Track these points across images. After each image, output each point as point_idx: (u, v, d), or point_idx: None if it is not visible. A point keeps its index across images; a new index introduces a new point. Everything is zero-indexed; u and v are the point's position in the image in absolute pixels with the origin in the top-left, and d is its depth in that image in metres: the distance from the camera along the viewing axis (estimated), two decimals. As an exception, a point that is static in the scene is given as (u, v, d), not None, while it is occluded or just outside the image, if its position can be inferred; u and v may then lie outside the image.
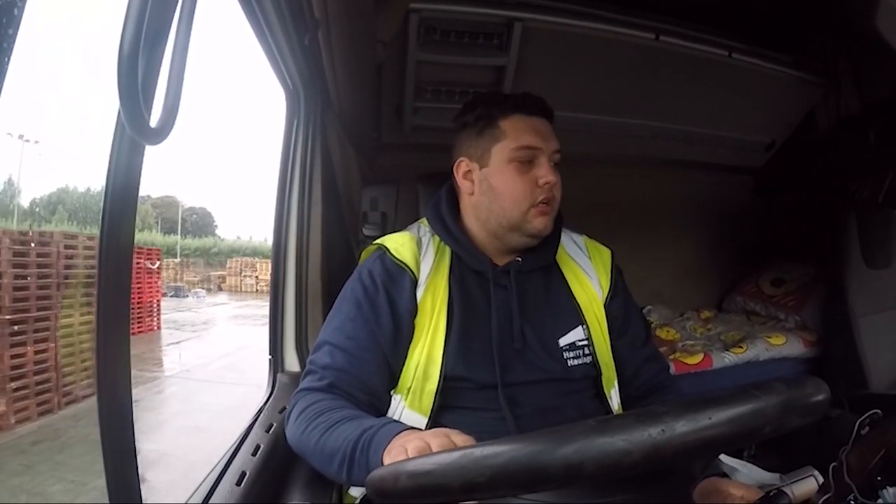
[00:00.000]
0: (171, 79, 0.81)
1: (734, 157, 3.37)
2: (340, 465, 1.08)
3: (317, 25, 1.62)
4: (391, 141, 2.90)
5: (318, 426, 1.16)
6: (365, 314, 1.36)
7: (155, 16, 0.74)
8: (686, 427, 0.65)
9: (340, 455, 1.08)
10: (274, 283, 2.05)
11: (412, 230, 1.54)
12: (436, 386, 1.31)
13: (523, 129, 1.40)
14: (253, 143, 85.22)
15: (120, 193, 0.92)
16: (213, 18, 2.04)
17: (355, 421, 1.13)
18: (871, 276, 2.67)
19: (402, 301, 1.38)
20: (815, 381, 0.75)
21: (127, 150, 0.91)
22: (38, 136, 27.86)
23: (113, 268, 0.94)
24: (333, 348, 1.33)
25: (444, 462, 0.65)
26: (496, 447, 0.64)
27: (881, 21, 1.56)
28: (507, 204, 1.41)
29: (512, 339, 1.39)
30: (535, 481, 0.63)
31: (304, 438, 1.19)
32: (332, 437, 1.12)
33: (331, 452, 1.11)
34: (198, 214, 41.52)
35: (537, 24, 2.38)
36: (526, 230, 1.41)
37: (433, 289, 1.41)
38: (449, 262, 1.46)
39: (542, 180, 1.38)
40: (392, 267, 1.41)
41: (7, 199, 21.89)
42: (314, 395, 1.27)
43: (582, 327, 1.45)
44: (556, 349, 1.41)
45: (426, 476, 0.65)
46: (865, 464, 1.11)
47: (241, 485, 1.24)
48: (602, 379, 1.44)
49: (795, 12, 2.84)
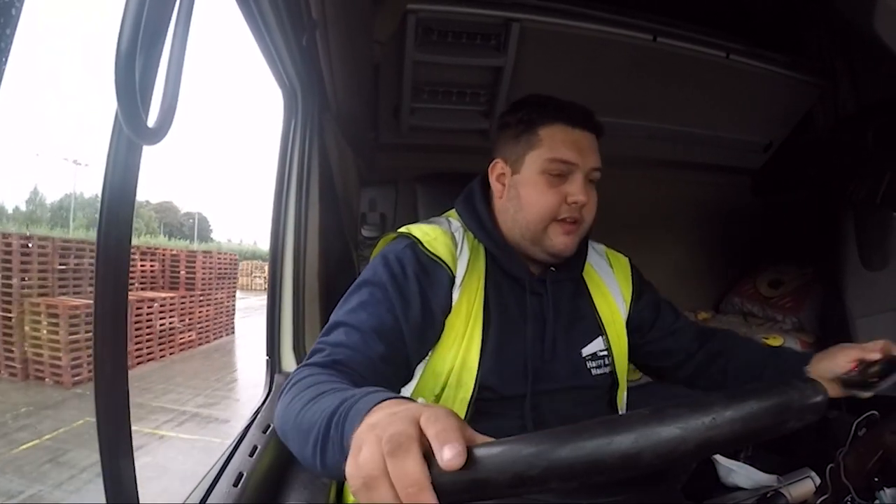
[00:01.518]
0: (169, 79, 0.81)
1: (731, 158, 3.36)
2: (314, 447, 0.82)
3: (314, 26, 1.62)
4: (388, 141, 2.88)
5: (303, 398, 0.93)
6: (391, 298, 1.22)
7: (152, 15, 0.74)
8: (733, 415, 0.65)
9: (315, 432, 0.82)
10: (271, 283, 2.05)
11: (441, 224, 1.42)
12: (469, 395, 1.26)
13: (562, 141, 1.32)
14: (246, 146, 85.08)
15: (118, 193, 0.91)
16: (210, 18, 2.04)
17: (341, 392, 0.87)
18: (868, 277, 2.67)
19: (436, 297, 1.28)
20: (813, 382, 0.76)
21: (124, 150, 0.91)
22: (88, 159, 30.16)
23: (111, 266, 0.94)
24: (349, 328, 1.16)
25: (486, 456, 0.60)
26: (549, 439, 0.62)
27: (879, 22, 1.57)
28: (531, 216, 1.34)
29: (543, 349, 1.35)
30: (591, 472, 0.63)
31: (286, 414, 0.96)
32: (312, 409, 0.88)
33: (307, 429, 0.85)
34: (194, 219, 41.70)
35: (535, 25, 2.38)
36: (546, 246, 1.35)
37: (469, 291, 1.33)
38: (484, 264, 1.38)
39: (572, 198, 1.31)
40: (426, 260, 1.30)
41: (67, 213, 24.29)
42: (312, 370, 1.06)
43: (602, 338, 1.44)
44: (579, 359, 1.40)
45: (465, 473, 0.62)
46: (863, 465, 1.11)
47: (239, 486, 1.24)
48: (617, 394, 1.45)
49: (793, 13, 2.84)
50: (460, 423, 0.62)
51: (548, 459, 0.60)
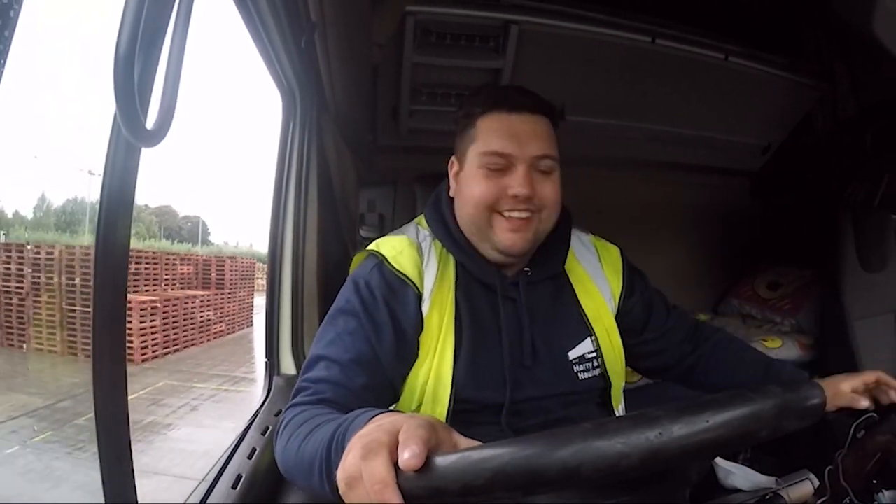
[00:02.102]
0: (168, 80, 0.81)
1: (730, 160, 3.37)
2: (320, 475, 0.88)
3: (313, 28, 1.62)
4: (387, 143, 2.89)
5: (299, 435, 0.99)
6: (364, 328, 1.21)
7: (151, 17, 0.74)
8: (683, 430, 0.65)
9: (318, 462, 0.88)
10: (270, 285, 2.05)
11: (409, 233, 1.39)
12: (446, 409, 1.22)
13: (495, 131, 1.25)
14: (243, 148, 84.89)
15: (116, 195, 0.91)
16: (209, 20, 2.04)
17: (334, 421, 0.92)
18: (867, 279, 2.67)
19: (405, 316, 1.25)
20: (812, 384, 0.76)
21: (123, 152, 0.91)
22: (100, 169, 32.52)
23: (110, 269, 0.94)
24: (329, 363, 1.17)
25: (442, 465, 0.64)
26: (494, 450, 0.63)
27: (878, 24, 1.57)
28: (469, 209, 1.28)
29: (522, 355, 1.29)
30: (532, 484, 0.63)
31: (286, 453, 1.02)
32: (310, 442, 0.94)
33: (309, 461, 0.91)
34: (192, 223, 41.89)
35: (533, 27, 2.38)
36: (493, 243, 1.28)
37: (439, 304, 1.28)
38: (454, 273, 1.33)
39: (511, 191, 1.23)
40: (392, 279, 1.27)
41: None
42: (301, 408, 1.09)
43: (590, 339, 1.36)
44: (565, 363, 1.33)
45: (423, 478, 0.65)
46: (861, 467, 1.11)
47: (237, 488, 1.24)
48: (611, 391, 1.38)
49: (792, 15, 2.85)
50: (435, 431, 0.68)
51: (491, 470, 0.62)
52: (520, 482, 0.62)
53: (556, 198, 1.28)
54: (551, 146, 1.27)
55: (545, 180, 1.26)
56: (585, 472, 0.62)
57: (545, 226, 1.30)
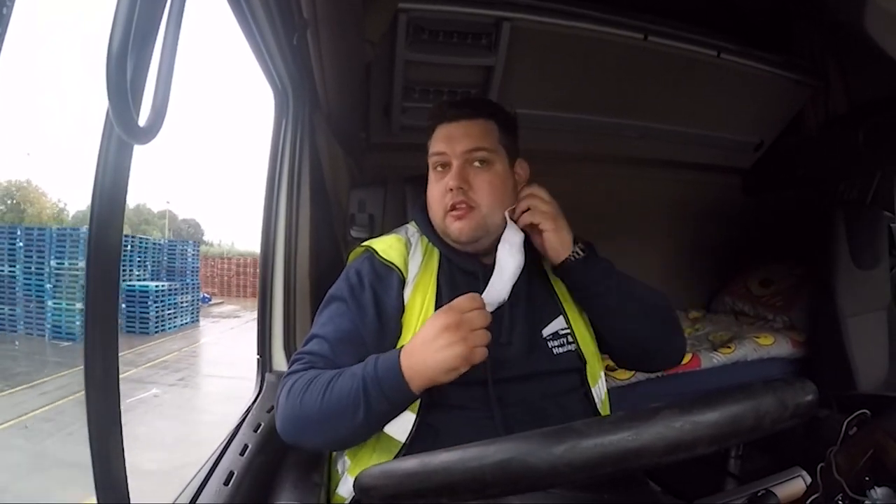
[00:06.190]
0: (160, 78, 0.81)
1: (723, 157, 3.38)
2: (356, 409, 1.16)
3: (305, 25, 1.62)
4: (379, 141, 2.89)
5: (318, 388, 1.21)
6: (351, 310, 1.38)
7: (144, 15, 0.74)
8: (588, 443, 0.68)
9: (353, 397, 1.17)
10: (262, 283, 2.05)
11: (400, 233, 1.57)
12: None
13: (438, 138, 1.46)
14: (234, 146, 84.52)
15: (108, 193, 0.91)
16: (201, 18, 2.03)
17: (349, 369, 1.23)
18: (859, 276, 2.68)
19: (388, 299, 1.40)
20: (803, 381, 0.76)
21: (115, 149, 0.90)
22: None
23: (102, 266, 0.93)
24: (321, 340, 1.35)
25: (427, 465, 0.65)
26: (492, 447, 0.64)
27: (869, 21, 1.57)
28: (431, 211, 1.48)
29: (500, 333, 1.36)
30: (522, 480, 0.64)
31: (305, 405, 1.22)
32: (335, 389, 1.20)
33: (342, 402, 1.18)
34: (190, 225, 42.20)
35: (526, 24, 2.38)
36: (449, 234, 1.44)
37: (422, 288, 1.42)
38: (438, 262, 1.48)
39: (447, 186, 1.41)
40: (380, 267, 1.44)
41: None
42: (301, 374, 1.28)
43: (563, 317, 1.46)
44: (540, 340, 1.42)
45: (420, 476, 0.65)
46: (853, 464, 1.11)
47: (229, 484, 1.24)
48: (587, 371, 1.43)
49: (784, 12, 2.85)
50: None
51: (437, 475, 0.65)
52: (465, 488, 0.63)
53: (492, 187, 1.43)
54: (484, 140, 1.44)
55: (480, 172, 1.43)
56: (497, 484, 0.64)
57: (491, 213, 1.42)
